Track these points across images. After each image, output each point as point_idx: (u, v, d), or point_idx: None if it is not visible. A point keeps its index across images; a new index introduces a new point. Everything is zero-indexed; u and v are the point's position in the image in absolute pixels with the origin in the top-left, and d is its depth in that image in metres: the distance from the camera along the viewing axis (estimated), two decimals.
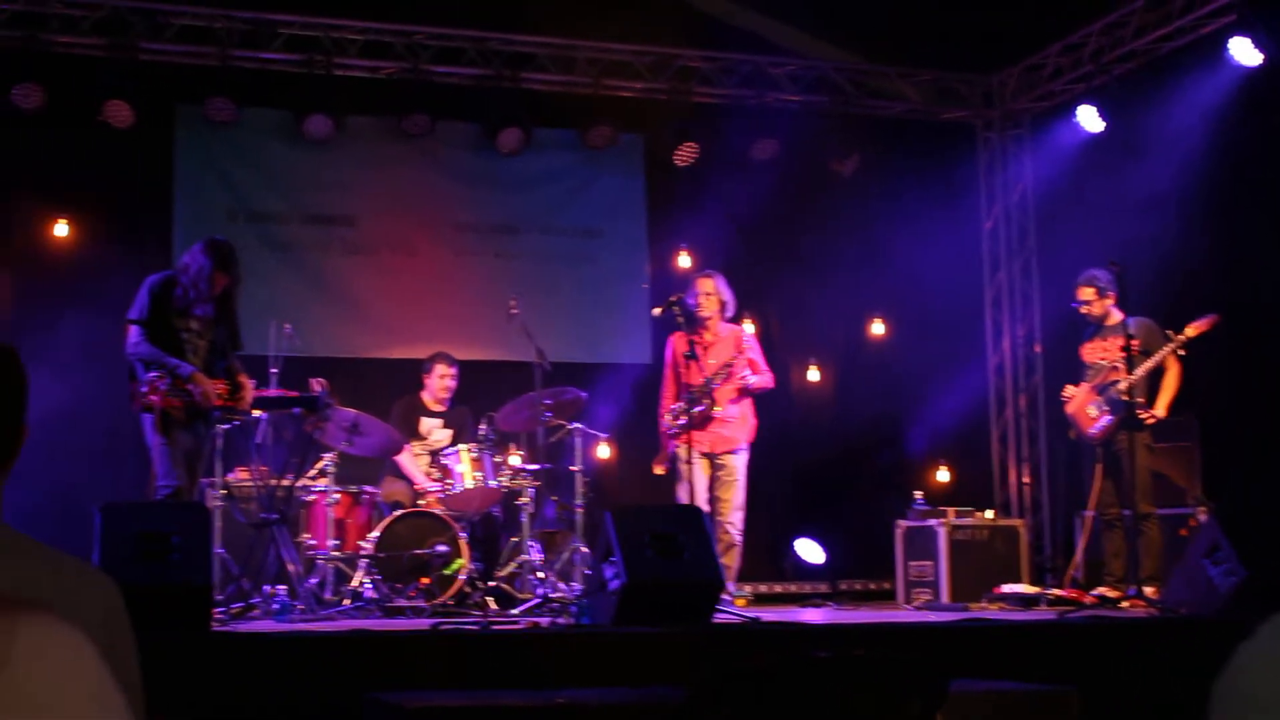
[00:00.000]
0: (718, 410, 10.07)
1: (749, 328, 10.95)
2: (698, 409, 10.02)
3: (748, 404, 10.42)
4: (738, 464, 10.22)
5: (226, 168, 12.21)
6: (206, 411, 8.47)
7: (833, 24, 13.00)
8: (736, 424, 10.26)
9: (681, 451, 10.08)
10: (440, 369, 10.81)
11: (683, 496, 10.03)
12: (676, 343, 10.28)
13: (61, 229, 11.57)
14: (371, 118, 12.42)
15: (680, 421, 10.08)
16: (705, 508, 9.75)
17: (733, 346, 10.28)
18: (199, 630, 6.61)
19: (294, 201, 12.37)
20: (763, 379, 10.36)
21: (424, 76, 12.24)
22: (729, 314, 10.46)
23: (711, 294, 10.29)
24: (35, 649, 1.05)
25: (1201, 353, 9.91)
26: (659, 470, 10.45)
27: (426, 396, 10.84)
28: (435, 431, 10.72)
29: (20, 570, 2.11)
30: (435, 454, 10.41)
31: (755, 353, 10.41)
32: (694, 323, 10.12)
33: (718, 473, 10.21)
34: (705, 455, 10.15)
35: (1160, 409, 9.92)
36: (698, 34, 12.84)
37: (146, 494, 8.63)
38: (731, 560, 10.11)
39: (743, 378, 10.17)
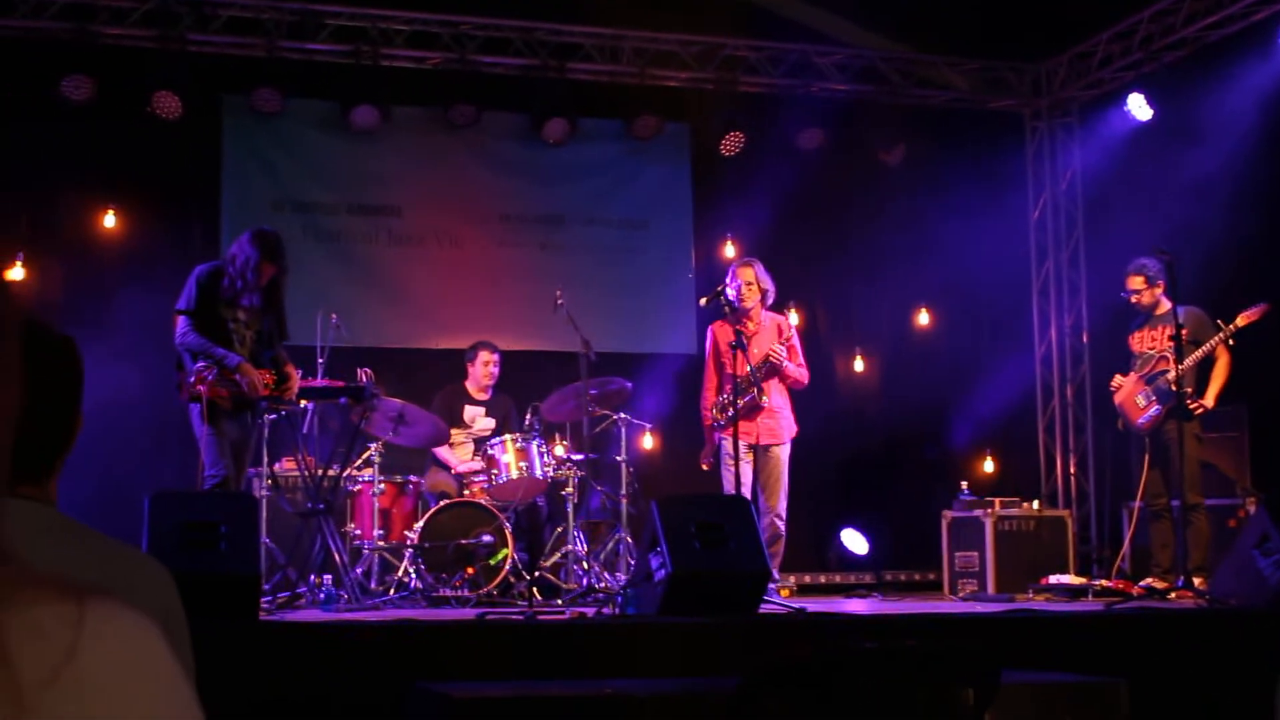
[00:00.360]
0: (764, 400, 9.96)
1: (793, 318, 10.86)
2: (744, 399, 9.89)
3: (788, 400, 10.32)
4: (782, 455, 10.11)
5: (273, 158, 12.25)
6: (253, 402, 8.50)
7: (879, 13, 12.95)
8: (781, 416, 10.15)
9: (727, 444, 9.97)
10: (484, 356, 10.83)
11: (729, 487, 9.97)
12: (719, 332, 10.10)
13: (110, 220, 11.63)
14: (418, 108, 12.44)
15: (727, 414, 9.96)
16: (750, 498, 9.72)
17: (775, 335, 10.19)
18: (246, 620, 6.64)
19: (340, 192, 12.40)
20: (798, 371, 10.12)
21: (470, 67, 12.25)
22: (770, 301, 10.33)
23: (752, 283, 10.09)
24: (103, 635, 1.05)
25: (1251, 342, 9.83)
26: (705, 465, 10.39)
27: (470, 385, 10.87)
28: (479, 419, 10.74)
29: (77, 558, 2.12)
30: (479, 442, 10.43)
31: (795, 343, 10.29)
32: (738, 313, 10.02)
33: (763, 464, 10.11)
34: (751, 446, 10.06)
35: (1209, 399, 9.86)
36: (744, 23, 12.81)
37: (194, 484, 8.66)
38: (777, 550, 10.06)
39: (781, 363, 10.01)
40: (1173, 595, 9.48)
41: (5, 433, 1.04)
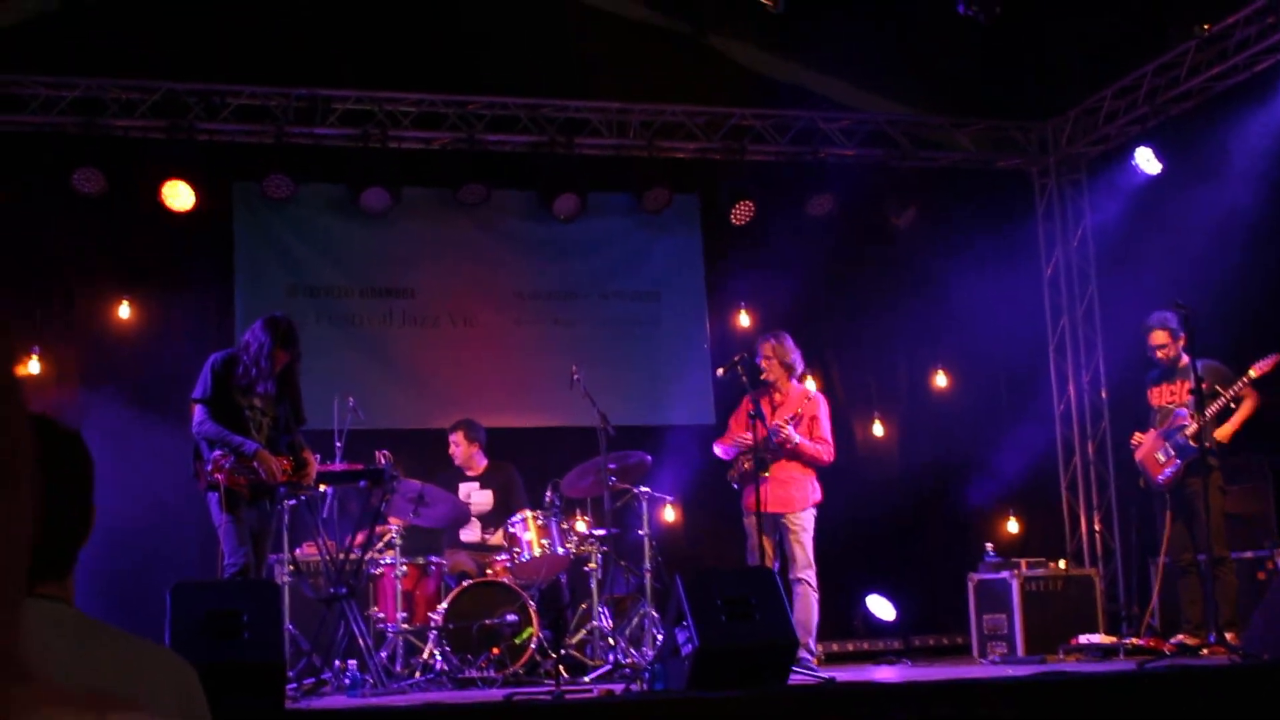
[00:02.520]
0: (765, 475, 9.88)
1: (809, 384, 10.83)
2: (751, 465, 9.91)
3: (810, 470, 10.31)
4: (796, 523, 10.10)
5: (285, 244, 12.28)
6: (272, 488, 8.48)
7: (884, 77, 12.99)
8: (794, 485, 10.16)
9: (750, 522, 9.98)
10: (452, 438, 10.94)
11: (753, 558, 9.94)
12: (746, 402, 10.18)
13: (124, 310, 11.64)
14: (427, 189, 12.47)
15: (744, 469, 10.04)
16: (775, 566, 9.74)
17: (797, 405, 10.22)
18: (272, 708, 6.58)
19: (353, 275, 12.41)
20: (814, 448, 10.17)
21: (478, 146, 12.30)
22: (798, 372, 10.43)
23: (772, 357, 10.26)
24: None
25: (1272, 391, 9.78)
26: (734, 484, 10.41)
27: (458, 464, 10.89)
28: (474, 494, 10.74)
29: (97, 658, 2.09)
30: (483, 518, 10.50)
31: (822, 416, 10.31)
32: (758, 383, 10.07)
33: (786, 532, 10.12)
34: (771, 515, 10.04)
35: (1225, 431, 9.79)
36: (750, 92, 12.87)
37: (215, 573, 8.62)
38: (809, 614, 10.05)
39: (789, 435, 10.04)
40: (1205, 651, 9.39)
41: (23, 540, 1.01)
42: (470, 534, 10.58)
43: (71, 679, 1.93)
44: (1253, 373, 9.64)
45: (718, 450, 10.43)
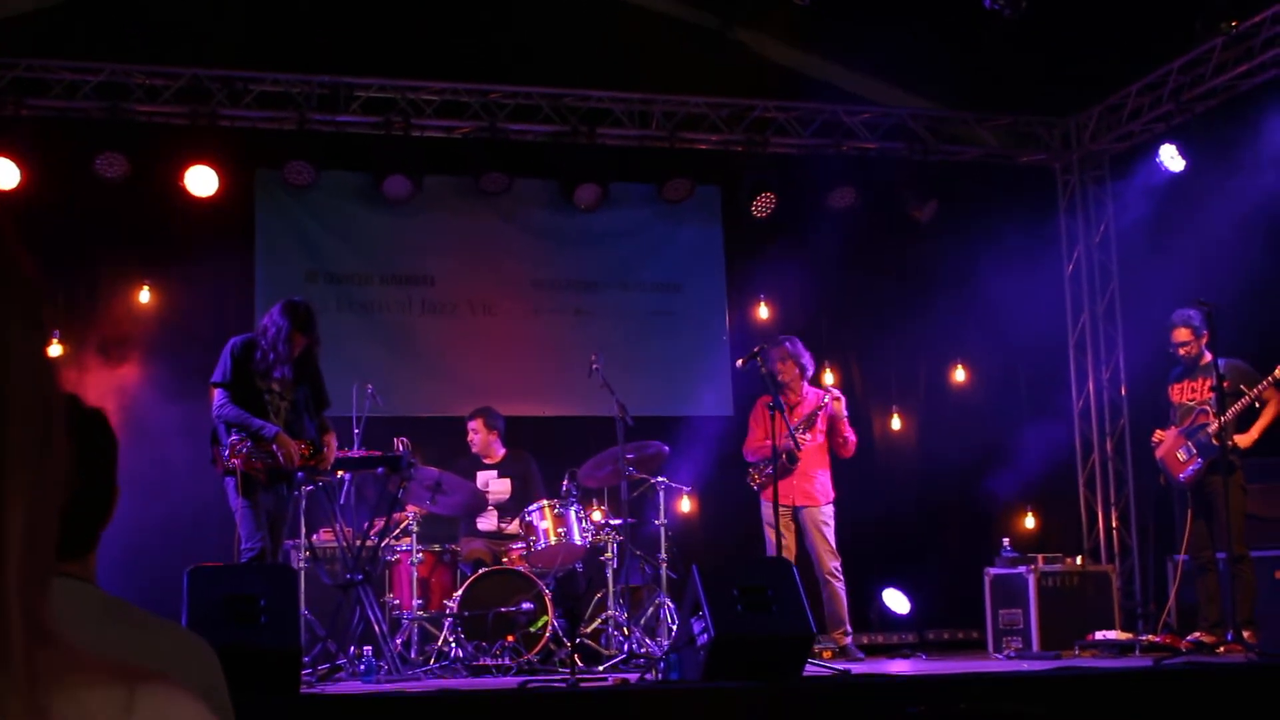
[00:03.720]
0: (801, 454, 10.17)
1: (828, 377, 10.90)
2: (781, 460, 10.04)
3: (827, 466, 10.59)
4: (820, 516, 10.45)
5: (306, 230, 12.30)
6: (289, 473, 8.49)
7: (908, 71, 12.97)
8: (817, 480, 10.47)
9: (766, 509, 10.16)
10: (470, 425, 10.92)
11: (770, 549, 10.03)
12: (763, 403, 10.44)
13: (145, 295, 11.67)
14: (449, 177, 12.49)
15: (767, 471, 10.14)
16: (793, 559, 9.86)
17: (814, 405, 10.49)
18: (288, 693, 6.59)
19: (373, 262, 12.43)
20: (848, 434, 10.56)
21: (500, 135, 12.30)
22: (809, 374, 10.64)
23: (788, 359, 10.52)
24: (155, 718, 1.02)
25: None
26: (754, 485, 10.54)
27: (476, 451, 10.90)
28: (491, 483, 10.75)
29: (120, 636, 2.09)
30: (500, 507, 10.53)
31: (843, 411, 10.56)
32: (775, 381, 10.19)
33: (809, 525, 10.29)
34: (791, 509, 10.21)
35: (1246, 438, 9.76)
36: (773, 85, 12.86)
37: (232, 557, 8.64)
38: (840, 607, 10.24)
39: (802, 440, 10.26)
40: (1221, 649, 9.38)
41: (56, 507, 1.02)
42: (487, 522, 10.59)
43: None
44: (1278, 373, 9.60)
45: (748, 455, 10.53)
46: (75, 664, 1.00)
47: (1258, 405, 9.76)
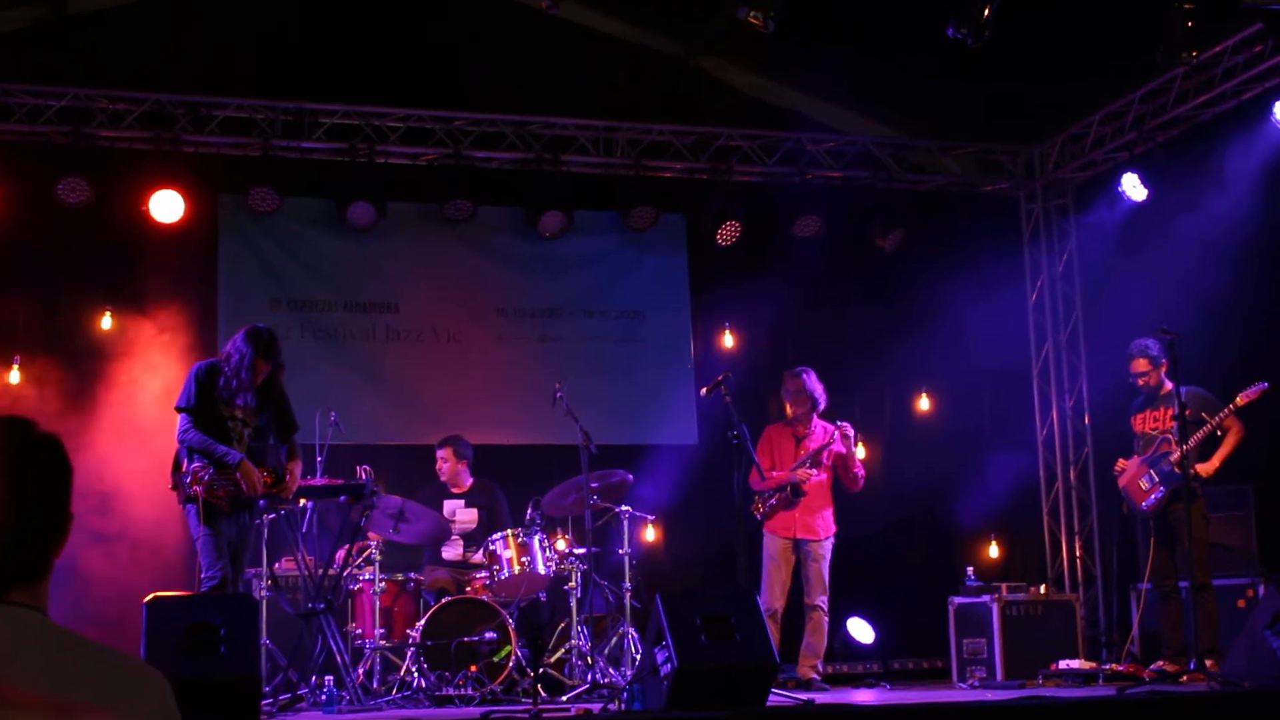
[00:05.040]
0: (806, 488, 10.31)
1: (845, 429, 10.88)
2: (780, 495, 10.22)
3: (829, 501, 10.65)
4: (820, 551, 10.52)
5: (270, 257, 12.25)
6: (251, 501, 8.43)
7: (872, 100, 13.01)
8: (820, 515, 10.55)
9: (767, 541, 10.37)
10: (439, 454, 10.87)
11: (770, 578, 10.22)
12: (772, 434, 10.66)
13: (107, 321, 11.59)
14: (413, 204, 12.47)
15: (771, 502, 10.22)
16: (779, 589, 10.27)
17: (824, 439, 10.55)
18: None
19: (337, 288, 12.39)
20: (858, 471, 10.66)
21: (465, 162, 12.28)
22: (821, 408, 10.68)
23: (801, 391, 10.54)
24: None
25: (1256, 421, 9.78)
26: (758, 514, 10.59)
27: (444, 480, 10.85)
28: (459, 511, 10.71)
29: (69, 667, 2.06)
30: (467, 536, 10.51)
31: (851, 449, 10.63)
32: (737, 410, 10.11)
33: (808, 559, 10.42)
34: (791, 540, 10.42)
35: (1208, 467, 9.77)
36: (737, 113, 12.88)
37: (193, 586, 8.57)
38: (821, 640, 10.43)
39: (806, 474, 10.38)
40: (1184, 678, 9.39)
41: None
42: (452, 551, 10.54)
43: (41, 688, 1.90)
44: (1239, 400, 9.62)
45: (754, 485, 10.51)
46: (10, 698, 0.97)
47: (1219, 434, 9.77)
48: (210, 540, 8.22)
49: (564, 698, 9.03)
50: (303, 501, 9.25)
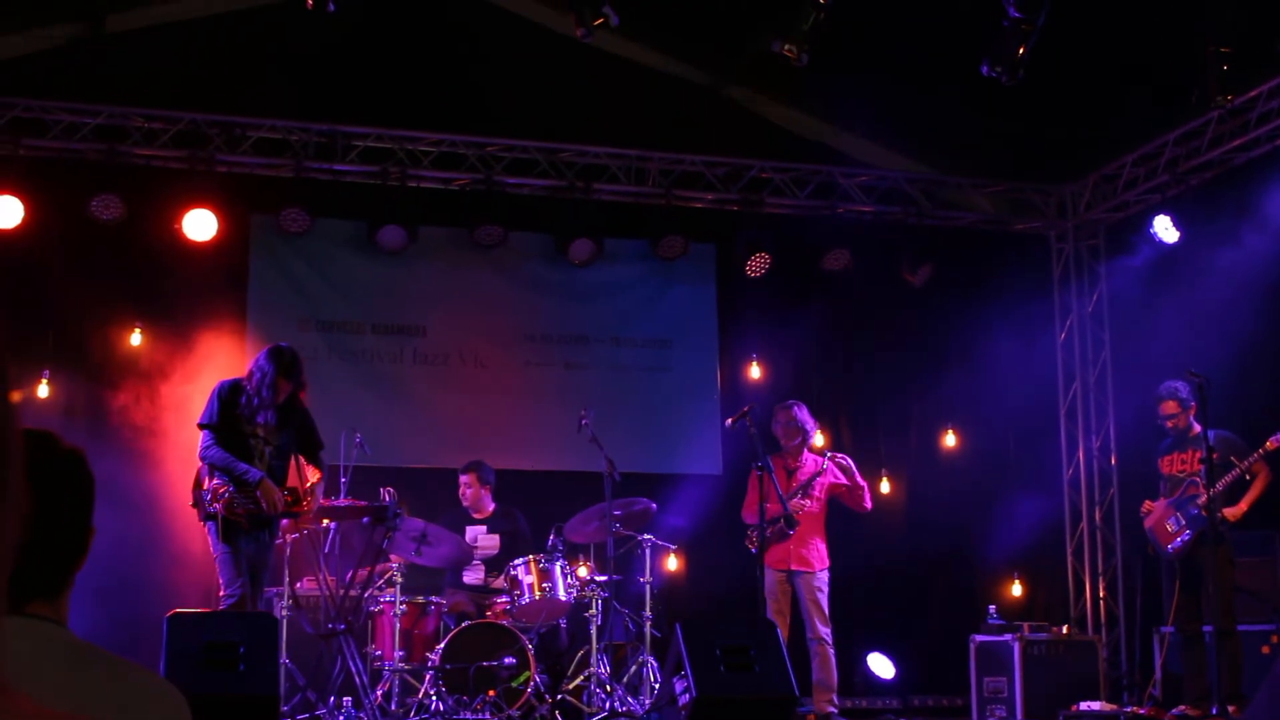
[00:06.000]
0: (799, 518, 10.17)
1: (817, 439, 10.87)
2: (774, 527, 10.08)
3: (822, 533, 10.56)
4: (814, 582, 10.40)
5: (300, 277, 12.29)
6: (270, 519, 8.45)
7: (905, 135, 13.01)
8: (813, 546, 10.44)
9: (768, 574, 10.19)
10: (462, 479, 10.89)
11: (769, 610, 10.05)
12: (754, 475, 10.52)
13: (136, 338, 11.62)
14: (444, 228, 12.50)
15: (766, 534, 10.16)
16: (778, 620, 9.86)
17: (813, 470, 10.52)
18: None
19: (366, 311, 12.42)
20: (861, 486, 10.61)
21: (496, 187, 12.31)
22: (810, 441, 10.70)
23: (792, 423, 10.54)
24: None
25: None
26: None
27: (466, 505, 10.86)
28: (480, 538, 10.71)
29: (88, 681, 2.06)
30: (488, 562, 10.50)
31: (841, 474, 10.57)
32: (762, 443, 10.10)
33: (805, 591, 10.33)
34: (789, 572, 10.33)
35: (1236, 511, 9.72)
36: (770, 145, 12.89)
37: (213, 604, 8.59)
38: (830, 674, 10.30)
39: (799, 506, 10.32)
40: None
41: (6, 550, 0.99)
42: (473, 575, 10.54)
43: (58, 702, 1.90)
44: (1269, 445, 9.57)
45: (746, 518, 10.47)
46: (23, 711, 0.97)
47: (1247, 478, 9.73)
48: (229, 558, 8.24)
49: None
50: (326, 522, 9.26)
